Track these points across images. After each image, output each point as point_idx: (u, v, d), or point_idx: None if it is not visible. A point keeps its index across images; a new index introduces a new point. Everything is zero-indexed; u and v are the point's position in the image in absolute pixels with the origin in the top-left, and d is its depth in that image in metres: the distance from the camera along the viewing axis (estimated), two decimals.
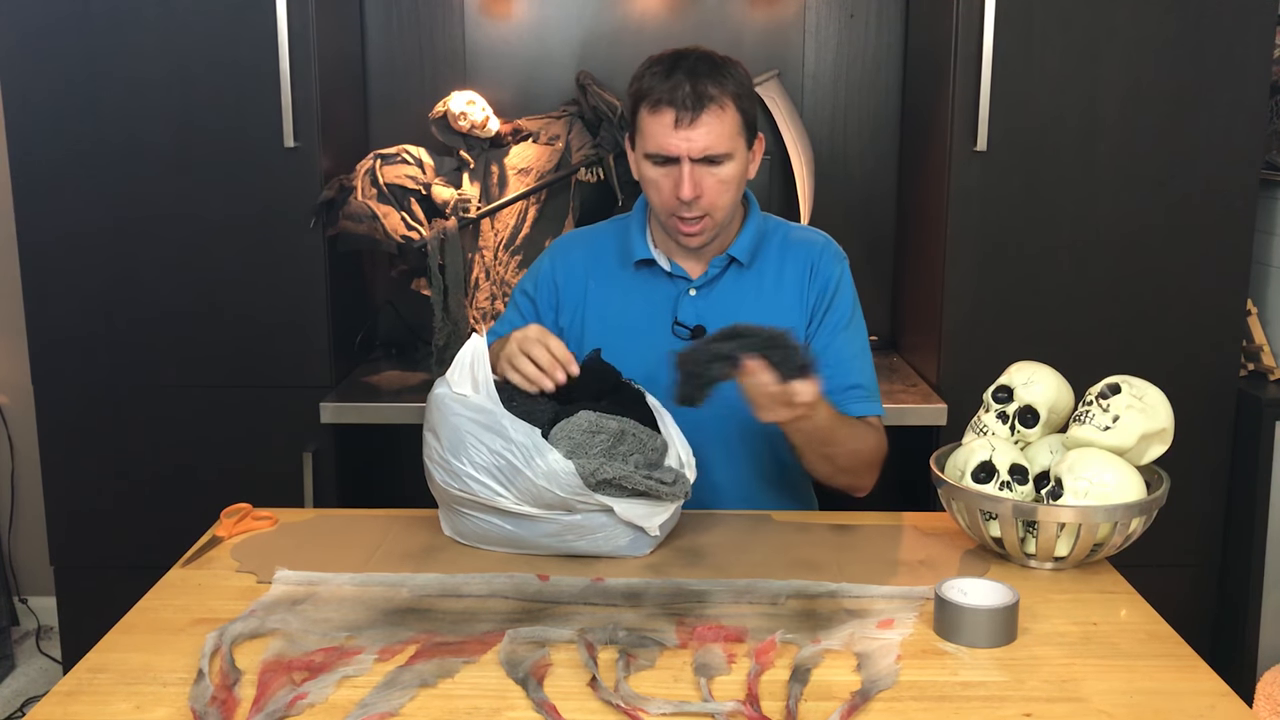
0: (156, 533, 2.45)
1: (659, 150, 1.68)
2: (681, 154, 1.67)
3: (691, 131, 1.66)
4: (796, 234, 1.87)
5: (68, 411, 2.47)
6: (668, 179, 1.70)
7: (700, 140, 1.66)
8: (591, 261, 1.86)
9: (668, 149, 1.67)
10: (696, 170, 1.68)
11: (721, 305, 1.80)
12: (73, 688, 1.22)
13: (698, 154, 1.67)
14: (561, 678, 1.22)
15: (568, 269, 1.87)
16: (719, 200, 1.71)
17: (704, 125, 1.66)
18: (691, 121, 1.65)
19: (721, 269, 1.81)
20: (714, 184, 1.69)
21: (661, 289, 1.82)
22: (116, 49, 2.34)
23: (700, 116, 1.65)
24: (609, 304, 1.83)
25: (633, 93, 1.72)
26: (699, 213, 1.71)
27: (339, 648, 1.28)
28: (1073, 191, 2.37)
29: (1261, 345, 2.53)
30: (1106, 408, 1.51)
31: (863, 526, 1.67)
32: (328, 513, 1.76)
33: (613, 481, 1.46)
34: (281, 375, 2.45)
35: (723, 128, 1.67)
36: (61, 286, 2.43)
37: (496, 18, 2.80)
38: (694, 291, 1.81)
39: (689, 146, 1.66)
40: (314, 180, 2.40)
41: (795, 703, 1.17)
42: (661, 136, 1.67)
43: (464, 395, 1.51)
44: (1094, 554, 1.50)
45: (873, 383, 1.84)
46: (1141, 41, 2.31)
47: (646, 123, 1.69)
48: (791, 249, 1.84)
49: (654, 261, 1.82)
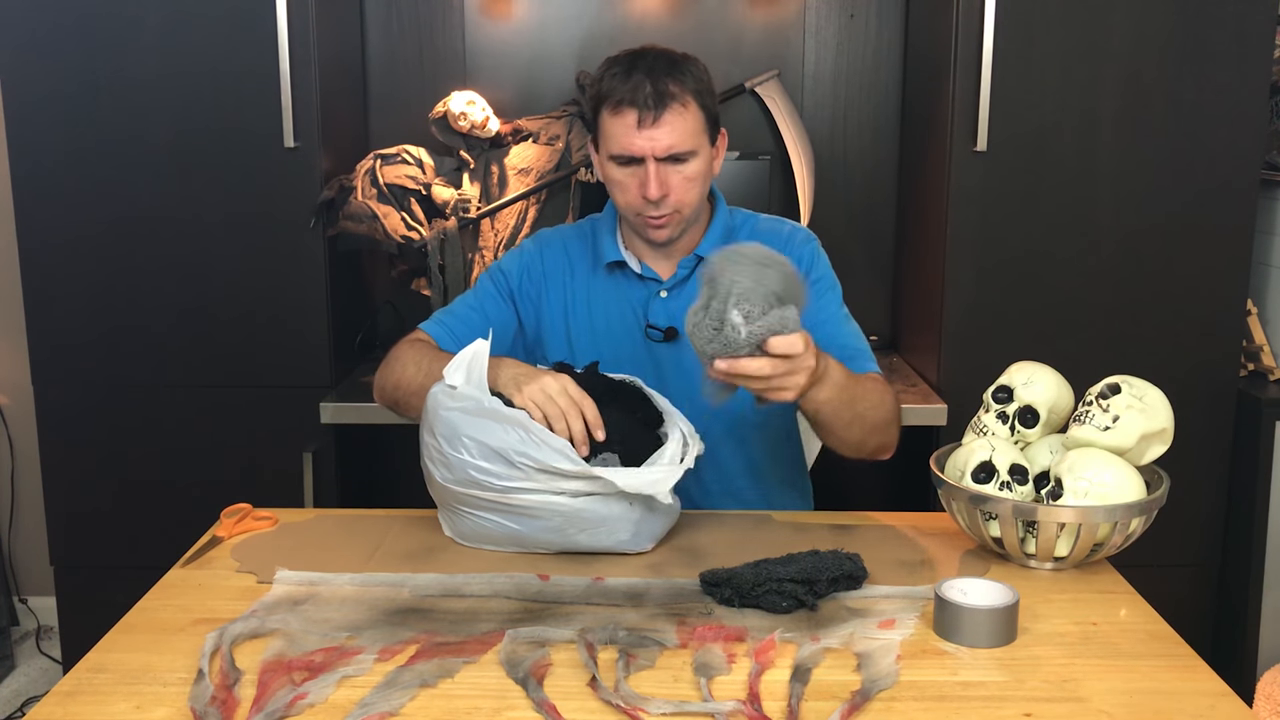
0: (156, 533, 2.45)
1: (623, 151, 1.67)
2: (646, 154, 1.66)
3: (655, 130, 1.65)
4: (764, 224, 1.86)
5: (68, 411, 2.47)
6: (633, 179, 1.69)
7: (664, 139, 1.65)
8: (570, 262, 1.86)
9: (631, 149, 1.66)
10: (662, 169, 1.67)
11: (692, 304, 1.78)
12: (73, 688, 1.22)
13: (662, 153, 1.66)
14: (561, 678, 1.22)
15: (554, 265, 1.86)
16: (686, 197, 1.71)
17: (667, 124, 1.65)
18: (655, 120, 1.65)
19: (691, 269, 1.80)
20: (680, 181, 1.69)
21: (633, 291, 1.82)
22: (117, 50, 2.34)
23: (663, 115, 1.65)
24: (583, 306, 1.83)
25: (593, 96, 1.72)
26: (667, 210, 1.70)
27: (339, 648, 1.28)
28: (1073, 192, 2.37)
29: (1261, 345, 2.53)
30: (1106, 408, 1.51)
31: (863, 526, 1.67)
32: (328, 513, 1.76)
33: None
34: (281, 375, 2.45)
35: (686, 125, 1.66)
36: (61, 286, 2.43)
37: (496, 18, 2.80)
38: (665, 293, 1.80)
39: (653, 146, 1.65)
40: (314, 180, 2.41)
41: (797, 702, 1.17)
42: (624, 137, 1.66)
43: (453, 388, 1.51)
44: (1094, 554, 1.50)
45: (864, 342, 1.80)
46: (1141, 41, 2.31)
47: (609, 124, 1.68)
48: (760, 239, 1.78)
49: (625, 264, 1.81)
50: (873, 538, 1.61)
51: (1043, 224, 2.38)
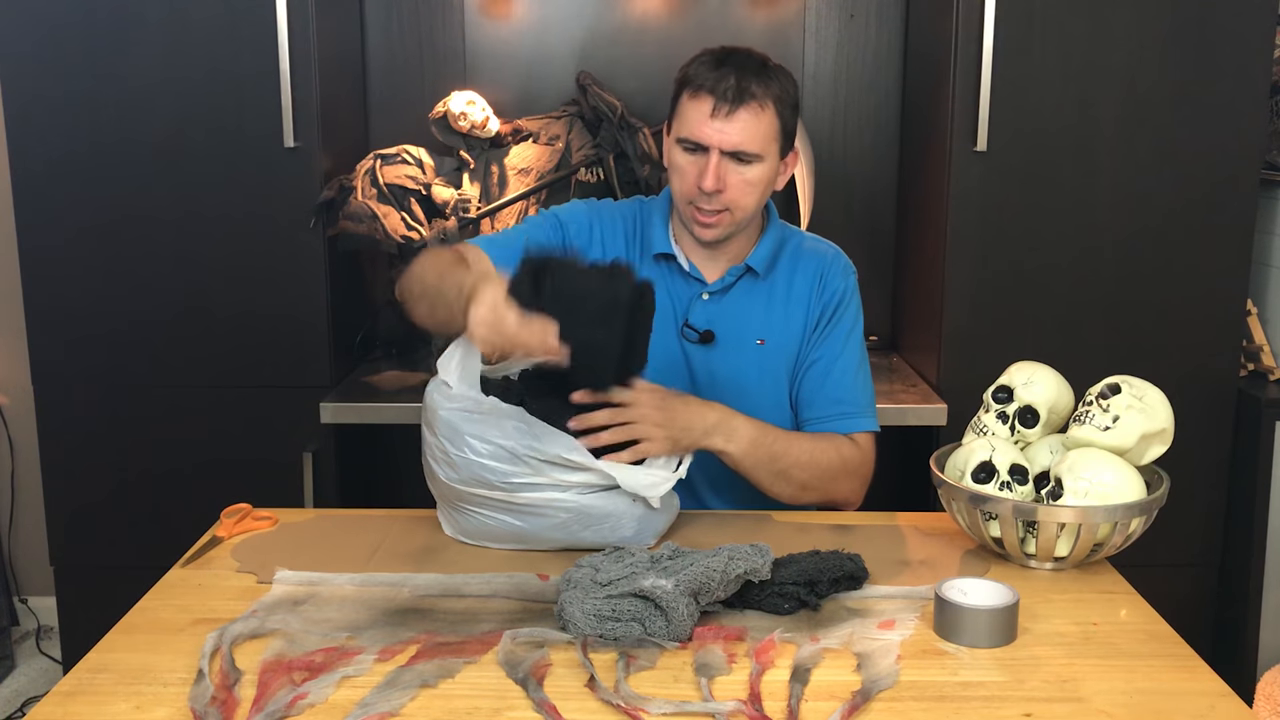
0: (156, 533, 2.45)
1: (690, 136, 1.67)
2: (712, 144, 1.65)
3: (726, 124, 1.64)
4: (809, 244, 1.85)
5: (68, 411, 2.47)
6: (694, 167, 1.68)
7: (734, 134, 1.64)
8: (623, 238, 1.82)
9: (699, 136, 1.66)
10: (724, 164, 1.66)
11: (733, 312, 1.79)
12: (73, 688, 1.22)
13: (729, 147, 1.65)
14: (561, 678, 1.22)
15: (609, 234, 1.82)
16: (741, 199, 1.69)
17: (740, 120, 1.64)
18: (728, 114, 1.64)
19: (738, 277, 1.79)
20: (738, 181, 1.67)
21: (676, 287, 1.80)
22: (117, 49, 2.34)
23: (738, 111, 1.64)
24: None
25: (678, 79, 1.71)
26: (719, 206, 1.69)
27: (339, 648, 1.28)
28: (1072, 192, 2.37)
29: (1261, 345, 2.52)
30: (1106, 408, 1.51)
31: (862, 526, 1.67)
32: (328, 513, 1.76)
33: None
34: (281, 375, 2.45)
35: (758, 126, 1.65)
36: (61, 286, 2.43)
37: (496, 18, 2.80)
38: (707, 296, 1.79)
39: (721, 138, 1.65)
40: (314, 180, 2.41)
41: (797, 702, 1.17)
42: (696, 123, 1.66)
43: (449, 387, 1.51)
44: (1094, 554, 1.50)
45: (865, 401, 1.81)
46: (1141, 41, 2.31)
47: (684, 107, 1.68)
48: (804, 258, 1.82)
49: (673, 257, 1.80)
50: (873, 538, 1.62)
51: (1043, 224, 2.38)
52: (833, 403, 1.78)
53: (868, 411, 1.80)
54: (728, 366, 1.76)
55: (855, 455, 1.77)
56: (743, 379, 1.76)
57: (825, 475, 1.73)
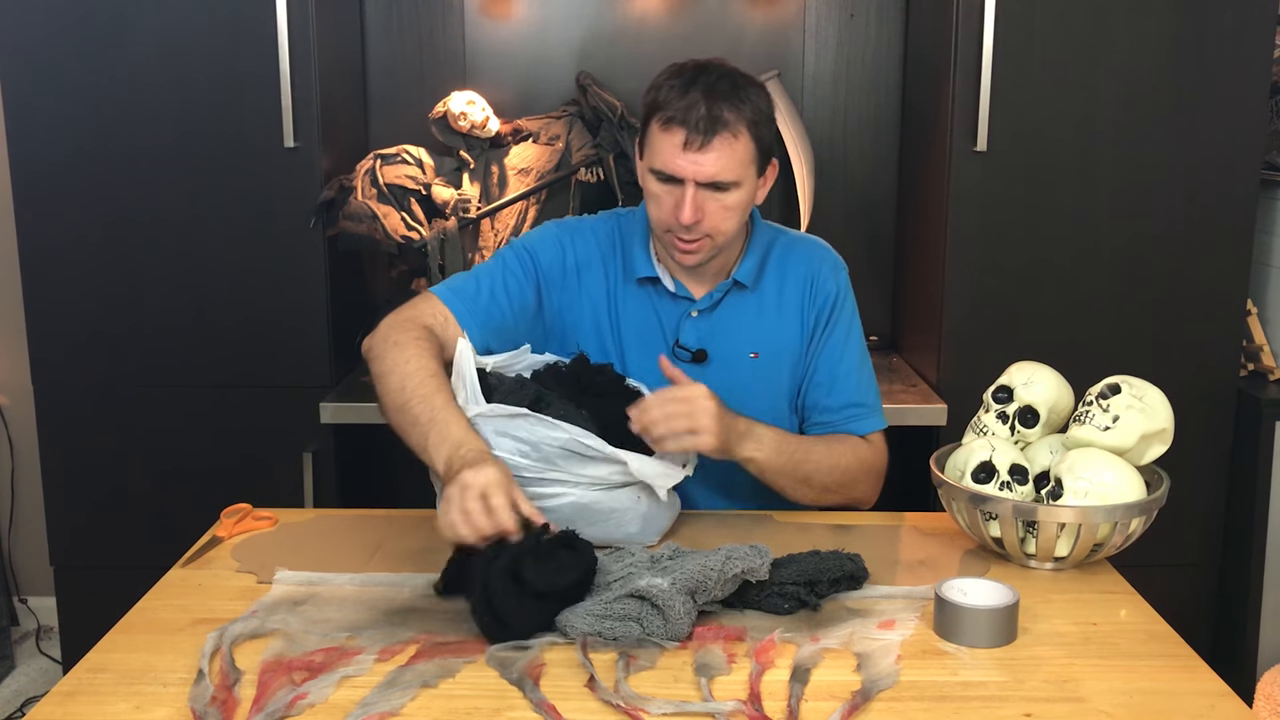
0: (156, 533, 2.45)
1: (664, 169, 1.62)
2: (687, 176, 1.60)
3: (700, 156, 1.59)
4: (796, 245, 1.82)
5: (68, 411, 2.47)
6: (670, 197, 1.63)
7: (709, 166, 1.60)
8: (601, 263, 1.78)
9: (673, 169, 1.61)
10: (700, 194, 1.61)
11: (724, 327, 1.77)
12: (73, 688, 1.22)
13: (704, 179, 1.60)
14: (561, 678, 1.22)
15: (585, 259, 1.78)
16: (721, 225, 1.65)
17: (714, 151, 1.59)
18: (701, 146, 1.58)
19: (725, 293, 1.76)
20: (717, 209, 1.63)
21: (664, 307, 1.77)
22: (117, 50, 2.34)
23: (711, 142, 1.58)
24: (611, 315, 1.77)
25: (648, 101, 1.66)
26: (698, 235, 1.65)
27: (339, 648, 1.28)
28: (1072, 192, 2.37)
29: (1261, 345, 2.52)
30: (1106, 408, 1.51)
31: (863, 526, 1.67)
32: (328, 513, 1.76)
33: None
34: (281, 375, 2.45)
35: (733, 156, 1.60)
36: (61, 287, 2.43)
37: (496, 18, 2.80)
38: (696, 314, 1.76)
39: (696, 170, 1.59)
40: (314, 180, 2.40)
41: (797, 702, 1.17)
42: (669, 155, 1.61)
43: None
44: (1094, 554, 1.50)
45: (872, 397, 1.80)
46: (1141, 42, 2.31)
47: (656, 137, 1.63)
48: (791, 264, 1.79)
49: (658, 279, 1.76)
50: (873, 538, 1.62)
51: (1043, 224, 2.38)
52: (842, 407, 1.77)
53: (876, 409, 1.80)
54: (723, 383, 1.68)
55: (870, 454, 1.77)
56: (739, 394, 1.69)
57: (845, 478, 1.73)
